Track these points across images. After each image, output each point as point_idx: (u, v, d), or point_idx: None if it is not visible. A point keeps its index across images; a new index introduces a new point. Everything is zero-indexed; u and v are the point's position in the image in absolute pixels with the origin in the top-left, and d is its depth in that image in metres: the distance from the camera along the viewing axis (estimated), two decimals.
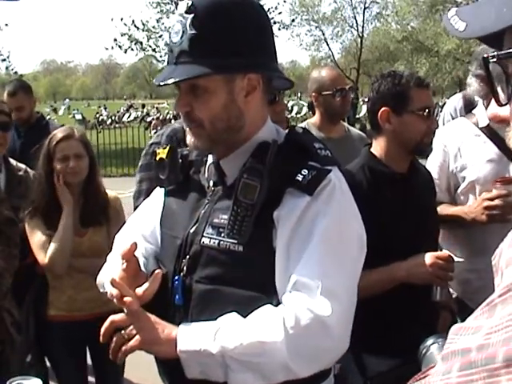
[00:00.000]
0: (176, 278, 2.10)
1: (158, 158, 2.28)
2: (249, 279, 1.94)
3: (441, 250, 3.53)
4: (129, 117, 46.17)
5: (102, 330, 2.06)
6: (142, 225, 2.40)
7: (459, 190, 3.74)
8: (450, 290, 3.62)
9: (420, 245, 3.03)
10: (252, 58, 2.01)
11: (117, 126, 35.14)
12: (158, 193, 2.36)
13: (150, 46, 33.40)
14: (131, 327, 2.02)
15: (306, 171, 1.95)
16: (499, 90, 0.99)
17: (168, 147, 2.28)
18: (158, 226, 2.30)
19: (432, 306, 3.10)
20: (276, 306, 1.91)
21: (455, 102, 5.96)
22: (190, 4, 1.96)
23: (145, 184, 3.76)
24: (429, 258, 2.93)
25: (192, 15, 1.94)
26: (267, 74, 2.09)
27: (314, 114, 4.82)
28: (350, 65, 51.58)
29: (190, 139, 2.08)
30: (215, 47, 1.95)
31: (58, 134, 4.00)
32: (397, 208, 3.09)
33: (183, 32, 1.95)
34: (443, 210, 3.68)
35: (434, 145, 3.81)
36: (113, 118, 44.81)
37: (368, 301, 2.94)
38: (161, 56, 34.92)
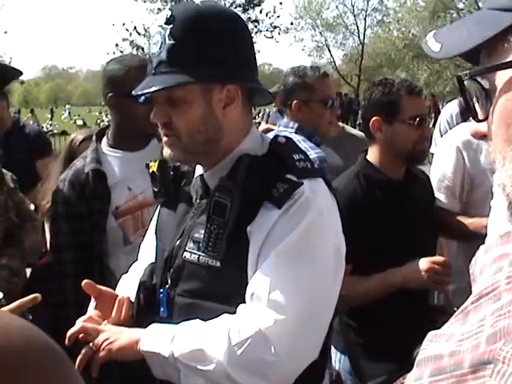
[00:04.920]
0: (161, 290, 2.14)
1: (150, 171, 2.29)
2: (226, 294, 1.95)
3: None
4: None
5: (70, 332, 2.10)
6: (150, 235, 2.44)
7: (476, 194, 3.66)
8: None
9: (417, 251, 3.03)
10: (230, 69, 2.00)
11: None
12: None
13: None
14: (97, 339, 2.05)
15: (280, 184, 1.93)
16: (476, 106, 1.02)
17: (158, 160, 2.28)
18: (154, 237, 2.35)
19: (429, 310, 3.12)
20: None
21: (451, 108, 5.97)
22: (169, 15, 1.97)
23: (56, 239, 3.26)
24: (424, 262, 2.93)
25: (171, 26, 1.95)
26: (245, 84, 2.07)
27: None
28: (352, 71, 51.58)
29: (166, 150, 2.07)
30: (193, 58, 1.94)
31: (79, 136, 4.07)
32: (393, 215, 3.11)
33: (162, 43, 1.96)
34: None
35: (444, 150, 3.78)
36: None
37: (364, 306, 2.98)
38: None
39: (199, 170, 2.18)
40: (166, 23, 1.96)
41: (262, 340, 1.82)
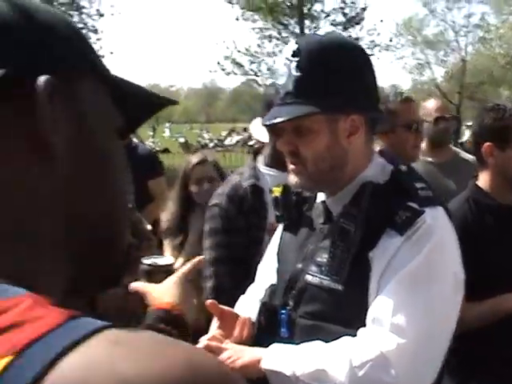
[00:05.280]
0: (282, 311, 2.20)
1: (273, 196, 2.39)
2: (347, 317, 2.00)
3: None
4: (231, 140, 46.54)
5: None
6: (270, 257, 2.51)
7: None
8: None
9: None
10: (354, 99, 2.07)
11: (219, 149, 35.47)
12: (279, 227, 2.47)
13: (253, 70, 33.59)
14: (221, 357, 2.08)
15: (403, 212, 1.99)
16: None
17: (282, 185, 2.37)
18: (276, 259, 2.41)
19: None
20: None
21: None
22: (295, 48, 2.07)
23: (214, 252, 3.34)
24: None
25: (297, 59, 2.04)
26: (369, 115, 2.15)
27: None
28: (453, 89, 50.70)
29: (292, 178, 2.16)
30: (319, 89, 2.03)
31: (193, 159, 4.30)
32: (501, 240, 3.11)
33: (289, 74, 2.06)
34: None
35: None
36: (215, 141, 45.28)
37: (474, 330, 2.98)
38: (262, 80, 35.06)
39: (321, 196, 2.25)
40: (292, 56, 2.06)
41: (383, 362, 1.87)
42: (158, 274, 2.08)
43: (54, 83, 0.76)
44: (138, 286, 2.02)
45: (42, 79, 0.75)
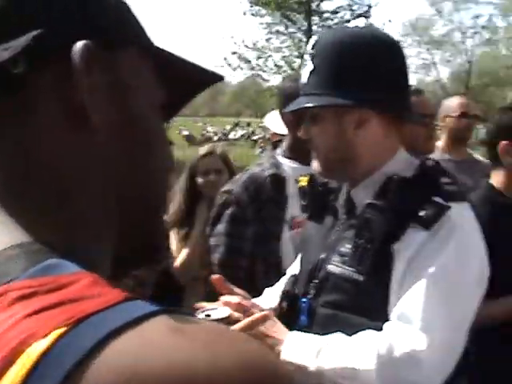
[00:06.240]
0: (303, 300, 2.19)
1: (299, 186, 2.40)
2: (368, 308, 1.98)
3: None
4: (235, 134, 46.61)
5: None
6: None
7: None
8: None
9: None
10: (366, 92, 2.04)
11: (223, 143, 35.44)
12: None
13: (259, 66, 33.47)
14: None
15: (428, 206, 1.95)
16: None
17: (309, 175, 2.37)
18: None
19: None
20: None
21: None
22: (314, 41, 2.12)
23: (213, 240, 3.33)
24: None
25: (313, 51, 2.10)
26: (380, 108, 2.10)
27: None
28: (458, 90, 50.75)
29: (313, 164, 2.18)
30: (329, 81, 2.05)
31: (201, 151, 4.30)
32: None
33: (307, 66, 2.12)
34: None
35: None
36: (219, 134, 45.31)
37: (482, 328, 2.97)
38: (268, 75, 35.01)
39: (346, 186, 2.26)
40: (312, 48, 2.11)
41: (414, 362, 1.84)
42: None
43: (93, 50, 0.74)
44: None
45: (79, 44, 0.73)
